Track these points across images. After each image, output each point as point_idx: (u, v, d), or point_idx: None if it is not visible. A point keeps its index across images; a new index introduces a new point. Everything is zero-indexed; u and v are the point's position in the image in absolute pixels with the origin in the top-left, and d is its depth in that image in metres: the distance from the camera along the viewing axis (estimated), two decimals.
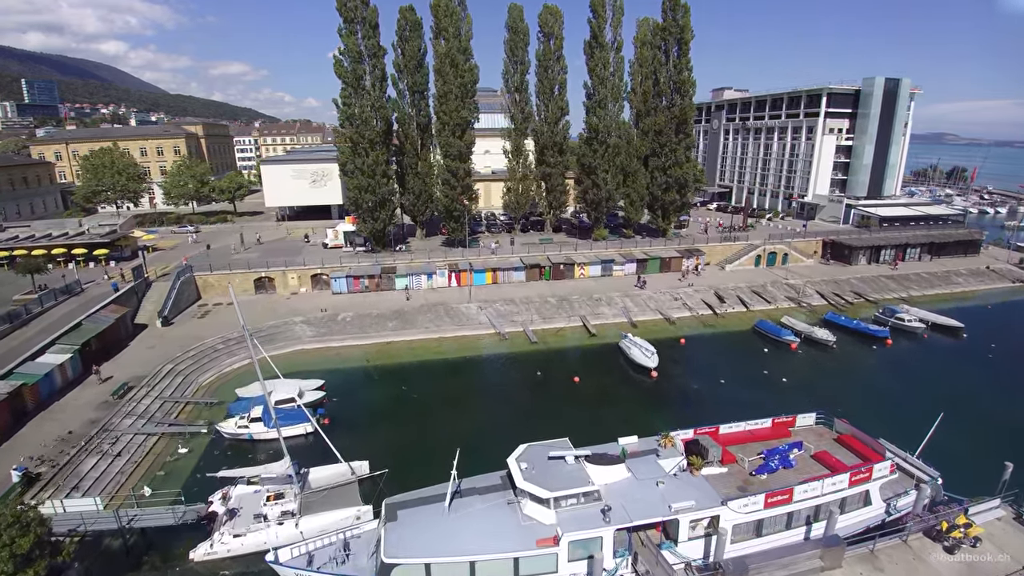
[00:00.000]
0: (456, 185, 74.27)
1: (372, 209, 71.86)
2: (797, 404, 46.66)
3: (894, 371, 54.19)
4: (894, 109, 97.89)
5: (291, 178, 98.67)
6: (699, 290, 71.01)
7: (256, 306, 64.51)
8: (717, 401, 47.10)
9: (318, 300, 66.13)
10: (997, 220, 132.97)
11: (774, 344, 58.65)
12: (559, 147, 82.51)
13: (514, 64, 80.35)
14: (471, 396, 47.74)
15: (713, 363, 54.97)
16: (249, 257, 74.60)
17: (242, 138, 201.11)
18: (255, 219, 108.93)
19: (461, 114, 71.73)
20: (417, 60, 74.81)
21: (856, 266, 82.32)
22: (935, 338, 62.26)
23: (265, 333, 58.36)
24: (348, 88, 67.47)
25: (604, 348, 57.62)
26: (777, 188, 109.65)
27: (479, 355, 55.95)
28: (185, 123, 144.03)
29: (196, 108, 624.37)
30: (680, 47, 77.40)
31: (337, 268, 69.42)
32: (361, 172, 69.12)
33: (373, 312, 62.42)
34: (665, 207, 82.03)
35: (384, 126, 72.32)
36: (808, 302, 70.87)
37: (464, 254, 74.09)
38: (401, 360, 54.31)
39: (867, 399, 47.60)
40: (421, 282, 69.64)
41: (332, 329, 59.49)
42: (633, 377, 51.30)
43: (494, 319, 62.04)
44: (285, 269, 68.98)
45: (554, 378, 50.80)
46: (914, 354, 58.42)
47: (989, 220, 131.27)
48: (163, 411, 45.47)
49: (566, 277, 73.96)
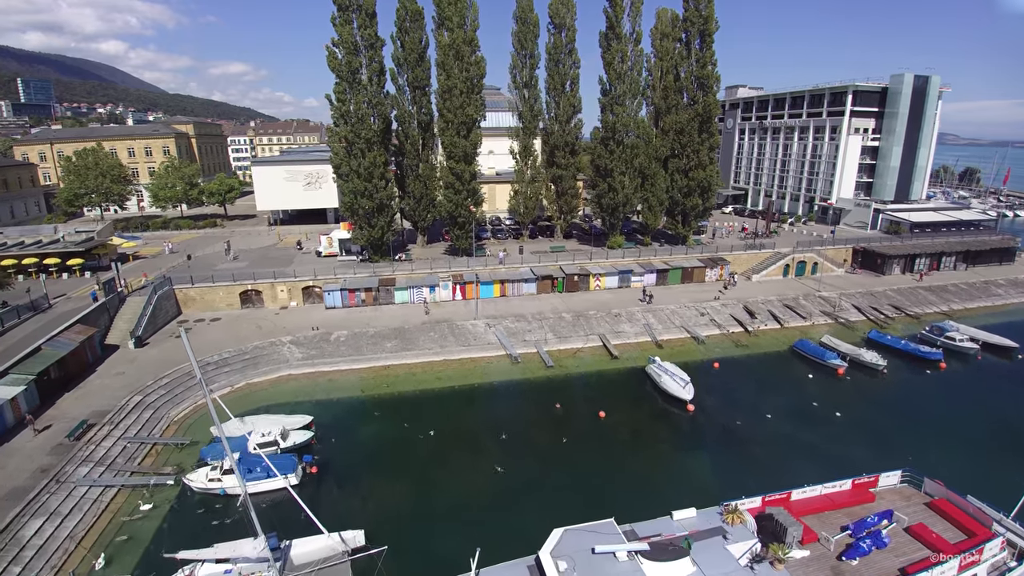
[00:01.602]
0: (461, 189, 67.40)
1: (369, 215, 64.98)
2: (856, 444, 40.62)
3: (956, 401, 47.52)
4: (923, 108, 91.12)
5: (284, 180, 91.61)
6: (727, 304, 64.29)
7: (241, 323, 57.69)
8: (766, 441, 40.37)
9: (309, 316, 59.28)
10: (1016, 224, 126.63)
11: (817, 368, 52.01)
12: (571, 147, 75.74)
13: (523, 58, 73.45)
14: (483, 437, 40.73)
15: (753, 392, 48.19)
16: (235, 267, 67.73)
17: (237, 138, 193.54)
18: (246, 223, 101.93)
19: (467, 111, 64.78)
20: (418, 53, 67.88)
21: (889, 276, 75.77)
22: (988, 360, 55.65)
23: (248, 355, 51.63)
24: (342, 82, 60.52)
25: (629, 373, 50.87)
26: (797, 191, 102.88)
27: (489, 382, 49.06)
28: (175, 122, 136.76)
29: (195, 108, 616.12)
30: (703, 39, 70.65)
31: (331, 280, 62.54)
32: (357, 175, 62.18)
33: (369, 330, 55.59)
34: (686, 212, 75.25)
35: (382, 124, 65.40)
36: (845, 317, 64.21)
37: (469, 264, 67.26)
38: (401, 389, 47.45)
39: (935, 437, 40.97)
40: (423, 295, 62.81)
41: (324, 351, 52.65)
42: (666, 410, 44.55)
43: (504, 338, 55.29)
44: (274, 281, 62.04)
45: (576, 412, 44.01)
46: (971, 380, 51.80)
47: (1009, 224, 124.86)
48: (126, 455, 38.68)
49: (580, 289, 67.17)
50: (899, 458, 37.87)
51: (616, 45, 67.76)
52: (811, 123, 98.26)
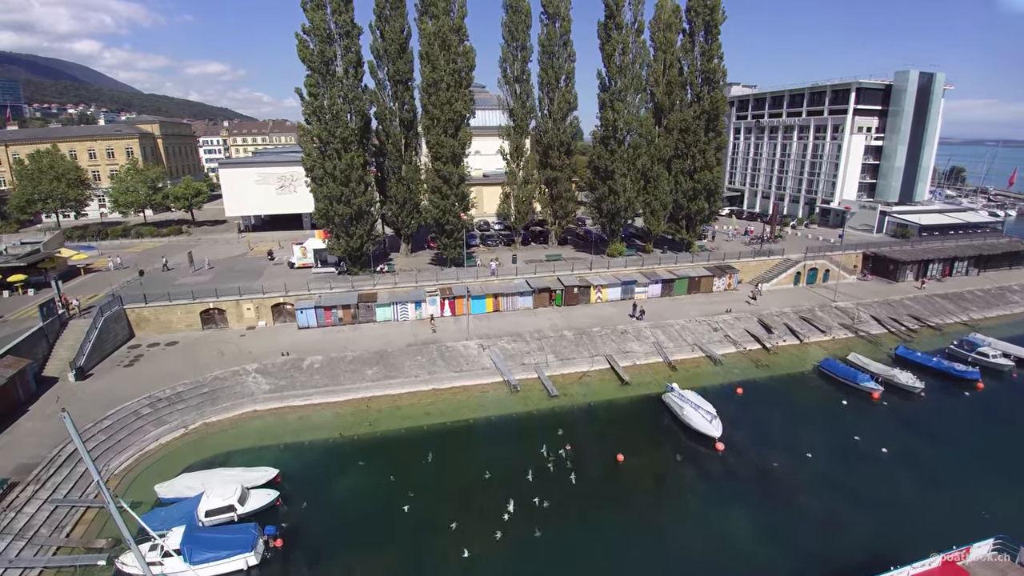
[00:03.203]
0: (448, 193, 60.25)
1: (346, 223, 57.54)
2: (913, 489, 34.73)
3: (1005, 429, 41.81)
4: (927, 106, 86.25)
5: (255, 183, 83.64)
6: (740, 317, 58.18)
7: (201, 347, 49.96)
8: (812, 488, 34.07)
9: (279, 338, 51.75)
10: (1007, 224, 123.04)
11: (849, 392, 46.04)
12: (567, 147, 69.03)
13: (514, 50, 66.50)
14: (483, 492, 33.69)
15: (785, 424, 41.93)
16: (197, 282, 59.81)
17: (209, 138, 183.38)
18: (216, 230, 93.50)
19: (454, 107, 57.55)
20: (399, 43, 60.57)
21: (902, 283, 70.43)
22: None
23: (207, 388, 43.99)
24: (315, 75, 52.98)
25: (643, 403, 44.30)
26: (797, 192, 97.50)
27: (486, 417, 42.00)
28: (140, 121, 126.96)
29: (171, 108, 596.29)
30: (708, 30, 64.47)
31: (304, 296, 55.05)
32: (332, 178, 54.68)
33: (348, 354, 48.28)
34: (691, 217, 69.07)
35: (360, 122, 58.00)
36: (866, 330, 58.53)
37: (459, 275, 60.18)
38: (385, 428, 40.19)
39: (995, 475, 35.45)
40: (408, 312, 55.63)
41: (295, 380, 45.21)
42: (692, 450, 38.06)
43: (500, 362, 48.40)
44: (239, 298, 54.30)
45: (590, 455, 37.17)
46: (1014, 401, 46.23)
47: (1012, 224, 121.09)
48: (52, 523, 31.15)
49: (580, 302, 60.50)
50: (966, 507, 32.14)
51: (617, 36, 61.11)
52: (812, 122, 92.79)
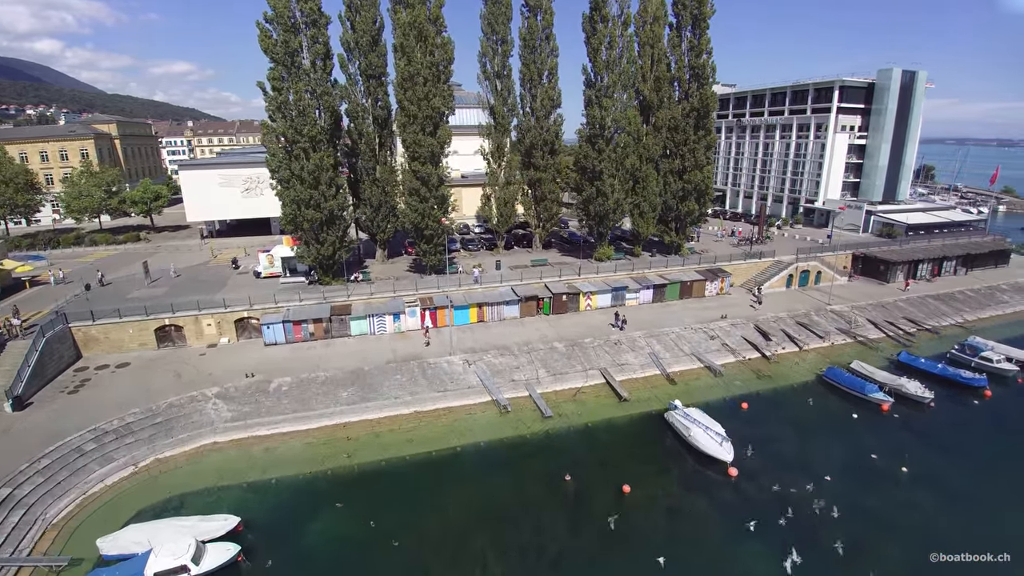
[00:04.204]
0: (427, 196, 55.71)
1: (317, 229, 52.61)
2: (942, 515, 31.65)
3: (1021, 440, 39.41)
4: (910, 104, 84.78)
5: (218, 186, 77.82)
6: (736, 324, 54.99)
7: (155, 370, 44.57)
8: (836, 519, 30.74)
9: (244, 356, 46.62)
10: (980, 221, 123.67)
11: (858, 404, 43.04)
12: (551, 146, 65.05)
13: (494, 44, 62.21)
14: (477, 537, 29.25)
15: (797, 442, 38.55)
16: (153, 295, 54.19)
17: (173, 139, 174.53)
18: (177, 236, 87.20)
19: (432, 103, 53.00)
20: (372, 35, 55.80)
21: (891, 284, 68.25)
22: None
23: (161, 417, 38.77)
24: (279, 67, 47.95)
25: (644, 422, 40.53)
26: (780, 192, 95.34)
27: (475, 444, 37.62)
28: (96, 121, 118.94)
29: (135, 108, 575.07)
30: (696, 24, 61.14)
31: (271, 309, 49.98)
32: (300, 180, 49.68)
33: (320, 375, 43.46)
34: (681, 219, 65.73)
35: (330, 119, 53.14)
36: (864, 335, 55.89)
37: (440, 283, 55.71)
38: (362, 460, 35.53)
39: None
40: (386, 325, 50.98)
41: (260, 406, 40.24)
42: (702, 476, 34.43)
43: (488, 379, 44.16)
44: (198, 313, 48.94)
45: (593, 486, 33.20)
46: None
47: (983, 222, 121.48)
48: None
49: (569, 310, 56.60)
50: (1001, 536, 29.21)
51: (603, 29, 57.36)
52: (794, 121, 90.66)
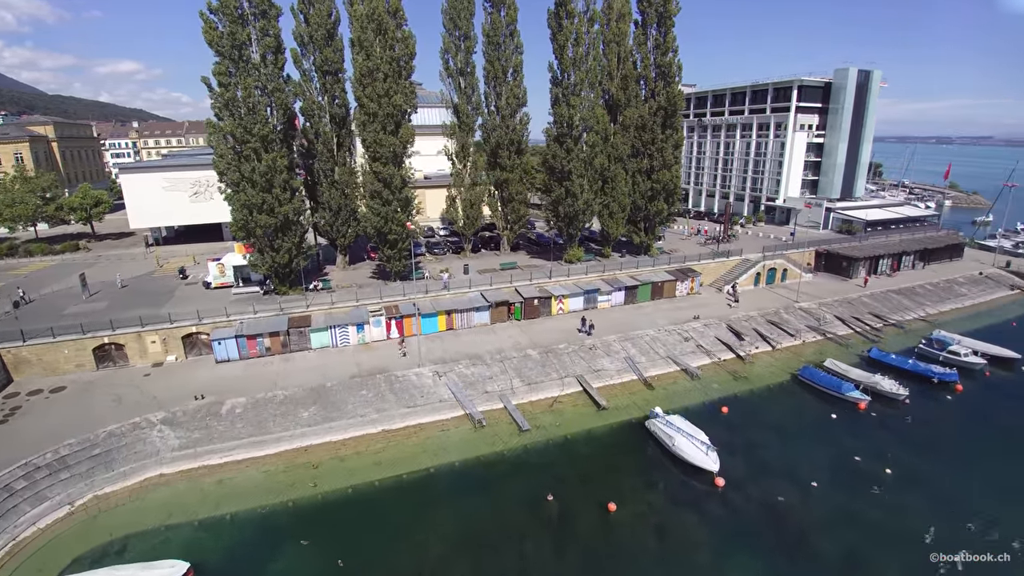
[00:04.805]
0: (390, 198, 52.57)
1: (271, 235, 48.83)
2: (931, 517, 30.77)
3: (999, 435, 39.16)
4: (865, 103, 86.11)
5: (164, 190, 72.56)
6: (709, 324, 53.86)
7: (94, 394, 40.16)
8: (826, 526, 29.44)
9: (193, 376, 42.60)
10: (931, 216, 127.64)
11: (835, 403, 42.28)
12: (517, 146, 62.71)
13: (456, 39, 59.38)
14: (455, 570, 26.81)
15: (780, 447, 37.31)
16: (92, 310, 49.39)
17: (117, 141, 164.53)
18: (121, 244, 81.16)
19: (394, 100, 49.89)
20: (327, 29, 52.28)
21: (853, 280, 68.65)
22: (997, 376, 48.64)
23: (100, 448, 34.68)
24: (225, 60, 44.06)
25: (624, 431, 38.60)
26: (741, 190, 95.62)
27: (449, 464, 34.84)
28: (32, 123, 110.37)
29: (79, 110, 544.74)
30: (662, 21, 59.82)
31: (222, 323, 46.01)
32: (251, 183, 45.86)
33: (278, 394, 39.93)
34: (650, 219, 64.37)
35: (283, 118, 49.37)
36: (833, 332, 55.61)
37: (405, 290, 52.63)
38: (327, 488, 32.30)
39: (1010, 493, 32.14)
40: (349, 336, 47.66)
41: (212, 432, 36.53)
42: (688, 487, 32.68)
43: (460, 391, 41.48)
44: (141, 330, 44.58)
45: (577, 506, 30.94)
46: (998, 404, 43.68)
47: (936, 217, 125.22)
48: None
49: (541, 315, 54.41)
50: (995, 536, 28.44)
51: (569, 25, 55.39)
52: (755, 120, 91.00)
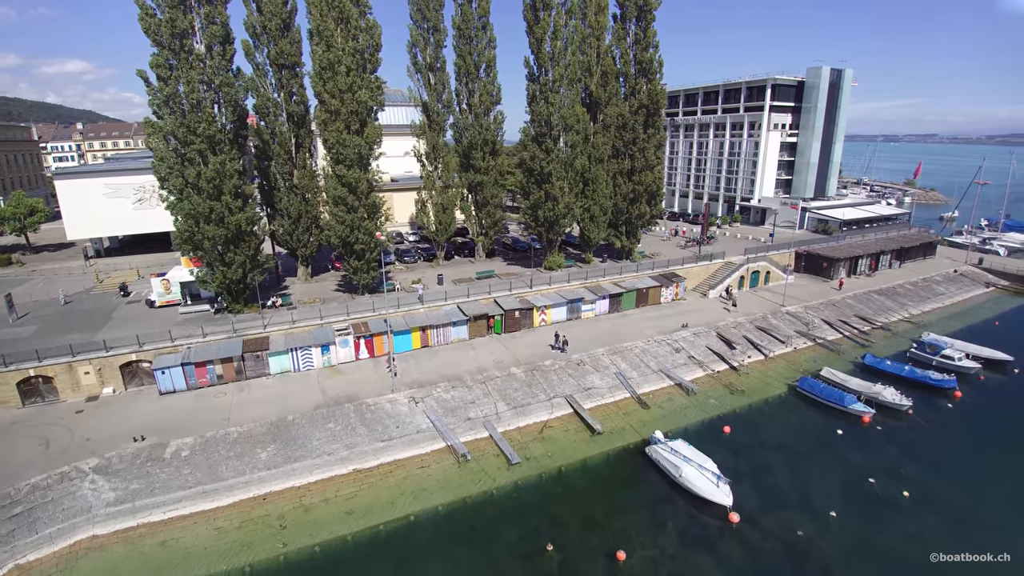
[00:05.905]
0: (356, 205, 47.50)
1: (222, 248, 43.21)
2: (960, 545, 27.64)
3: (1014, 446, 36.90)
4: (838, 102, 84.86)
5: (105, 196, 65.51)
6: (699, 332, 50.65)
7: (17, 438, 34.00)
8: (850, 562, 26.32)
9: (133, 411, 36.81)
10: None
11: (839, 417, 39.45)
12: (491, 146, 58.35)
13: (425, 32, 54.63)
14: None
15: (789, 471, 33.99)
16: (16, 337, 42.84)
17: (60, 144, 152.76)
18: (59, 256, 73.33)
19: (358, 96, 44.83)
20: (282, 18, 46.85)
21: (832, 281, 66.75)
22: (991, 379, 46.94)
23: (21, 504, 28.87)
24: (164, 51, 38.34)
25: (623, 460, 34.73)
26: (715, 191, 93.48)
27: (432, 509, 30.16)
28: None
29: (24, 111, 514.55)
30: (642, 15, 56.33)
31: (167, 348, 40.20)
32: (196, 190, 40.24)
33: (232, 431, 34.60)
34: (632, 222, 60.88)
35: (233, 116, 43.72)
36: (823, 337, 53.15)
37: (375, 304, 47.63)
38: (292, 547, 27.23)
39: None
40: (312, 359, 42.43)
41: (154, 481, 31.05)
42: (701, 526, 28.97)
43: (439, 420, 36.92)
44: (72, 360, 38.43)
45: (580, 556, 26.75)
46: (1002, 410, 41.61)
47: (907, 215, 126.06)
48: None
49: (523, 327, 50.22)
50: None
51: (546, 17, 51.31)
52: (728, 119, 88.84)
